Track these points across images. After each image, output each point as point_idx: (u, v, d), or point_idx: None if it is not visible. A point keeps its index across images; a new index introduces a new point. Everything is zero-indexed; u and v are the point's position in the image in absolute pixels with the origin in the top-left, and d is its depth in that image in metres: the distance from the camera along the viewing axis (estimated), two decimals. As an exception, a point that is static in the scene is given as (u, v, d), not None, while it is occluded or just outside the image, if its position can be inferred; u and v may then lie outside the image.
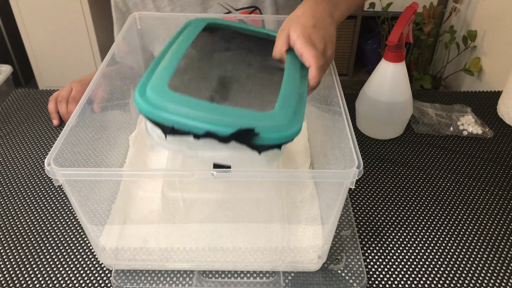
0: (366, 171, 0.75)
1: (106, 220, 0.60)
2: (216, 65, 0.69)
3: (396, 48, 0.75)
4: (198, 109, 0.46)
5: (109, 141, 0.69)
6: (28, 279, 0.57)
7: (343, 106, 0.53)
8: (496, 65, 1.47)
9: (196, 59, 0.67)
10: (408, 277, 0.58)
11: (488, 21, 1.54)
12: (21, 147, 0.79)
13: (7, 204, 0.67)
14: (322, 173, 0.51)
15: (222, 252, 0.56)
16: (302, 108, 0.52)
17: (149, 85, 0.49)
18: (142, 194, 0.63)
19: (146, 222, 0.60)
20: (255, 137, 0.46)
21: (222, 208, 0.58)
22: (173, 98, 0.47)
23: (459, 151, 0.80)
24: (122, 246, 0.57)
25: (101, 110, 0.64)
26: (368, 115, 0.82)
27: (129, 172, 0.53)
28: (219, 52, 0.72)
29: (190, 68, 0.64)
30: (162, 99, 0.47)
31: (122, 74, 0.73)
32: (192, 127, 0.46)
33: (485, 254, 0.61)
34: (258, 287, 0.55)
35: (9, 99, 0.92)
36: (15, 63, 2.16)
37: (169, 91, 0.48)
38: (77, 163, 0.54)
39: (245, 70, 0.69)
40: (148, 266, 0.56)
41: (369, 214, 0.67)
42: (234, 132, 0.45)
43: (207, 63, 0.68)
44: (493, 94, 0.97)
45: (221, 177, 0.45)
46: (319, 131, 0.70)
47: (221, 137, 0.46)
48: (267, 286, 0.55)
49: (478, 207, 0.68)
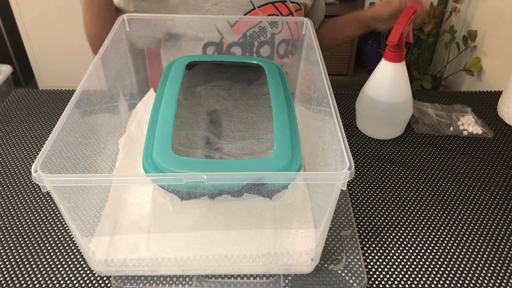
0: (367, 171, 0.75)
1: (95, 227, 0.59)
2: (206, 103, 0.76)
3: (396, 48, 0.75)
4: (207, 170, 0.50)
5: (98, 145, 0.69)
6: (28, 279, 0.57)
7: (333, 107, 0.53)
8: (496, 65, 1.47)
9: (186, 107, 0.73)
10: (408, 277, 0.58)
11: (488, 21, 1.54)
12: (21, 147, 0.79)
13: (7, 204, 0.67)
14: (313, 175, 0.50)
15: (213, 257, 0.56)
16: (296, 139, 0.57)
17: (155, 154, 0.52)
18: (132, 199, 0.63)
19: (136, 227, 0.60)
20: (263, 186, 0.50)
21: (213, 212, 0.58)
22: (181, 163, 0.51)
23: (459, 151, 0.80)
24: (112, 253, 0.56)
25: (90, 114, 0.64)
26: (368, 115, 0.82)
27: (119, 178, 0.53)
28: (204, 87, 0.77)
29: (184, 116, 0.71)
30: (171, 167, 0.51)
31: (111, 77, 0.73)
32: (205, 189, 0.51)
33: (485, 254, 0.61)
34: (258, 287, 0.55)
35: (9, 99, 0.92)
36: (15, 63, 2.16)
37: (175, 156, 0.52)
38: (65, 169, 0.54)
39: (233, 100, 0.74)
40: (140, 272, 0.56)
41: (369, 214, 0.67)
42: (244, 186, 0.50)
43: (196, 104, 0.76)
44: (493, 94, 0.97)
45: (212, 181, 0.45)
46: (310, 132, 0.70)
47: (233, 193, 0.50)
48: (267, 287, 0.55)
49: (478, 207, 0.68)
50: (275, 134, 0.56)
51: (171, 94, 0.63)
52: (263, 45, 0.91)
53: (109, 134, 0.73)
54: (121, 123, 0.77)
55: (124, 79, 0.78)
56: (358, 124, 0.86)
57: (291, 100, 0.65)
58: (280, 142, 0.54)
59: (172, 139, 0.55)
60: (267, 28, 0.89)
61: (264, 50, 0.91)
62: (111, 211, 0.61)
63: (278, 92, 0.64)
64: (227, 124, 0.70)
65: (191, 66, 0.78)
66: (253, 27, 0.88)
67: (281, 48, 0.93)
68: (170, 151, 0.52)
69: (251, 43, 0.90)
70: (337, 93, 0.96)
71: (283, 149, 0.53)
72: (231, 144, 0.66)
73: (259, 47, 0.91)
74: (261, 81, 0.79)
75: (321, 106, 0.60)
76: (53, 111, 0.89)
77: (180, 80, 0.66)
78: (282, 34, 0.91)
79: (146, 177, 0.50)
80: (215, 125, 0.71)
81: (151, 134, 0.56)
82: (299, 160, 0.53)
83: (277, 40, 0.91)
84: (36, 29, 1.96)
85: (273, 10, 0.91)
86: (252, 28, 0.89)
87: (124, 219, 0.60)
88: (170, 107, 0.60)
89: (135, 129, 0.75)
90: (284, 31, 0.91)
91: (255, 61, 0.73)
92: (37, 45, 2.01)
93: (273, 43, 0.91)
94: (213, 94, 0.77)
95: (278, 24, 0.90)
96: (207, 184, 0.51)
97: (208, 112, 0.73)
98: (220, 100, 0.76)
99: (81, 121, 0.59)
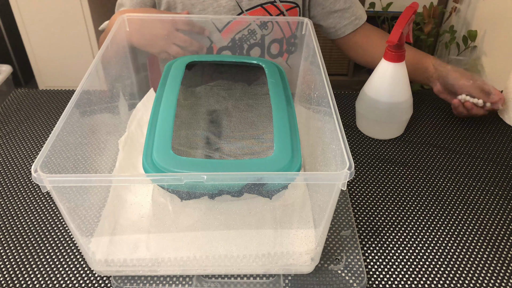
0: (366, 171, 0.75)
1: (95, 227, 0.59)
2: (206, 103, 0.76)
3: (396, 48, 0.75)
4: (207, 170, 0.50)
5: (98, 145, 0.69)
6: (28, 279, 0.57)
7: (333, 107, 0.53)
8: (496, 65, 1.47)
9: (186, 107, 0.72)
10: (408, 277, 0.58)
11: (488, 21, 1.54)
12: (21, 147, 0.79)
13: (7, 204, 0.67)
14: (313, 175, 0.50)
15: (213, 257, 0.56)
16: (296, 139, 0.57)
17: (155, 154, 0.52)
18: (132, 199, 0.63)
19: (136, 227, 0.60)
20: (263, 186, 0.50)
21: (213, 212, 0.58)
22: (181, 163, 0.51)
23: (459, 151, 0.80)
24: (112, 253, 0.56)
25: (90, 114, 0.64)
26: (368, 115, 0.82)
27: (119, 178, 0.53)
28: (204, 88, 0.77)
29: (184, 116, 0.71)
30: (171, 167, 0.51)
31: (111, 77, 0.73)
32: (205, 189, 0.51)
33: (485, 254, 0.61)
34: (258, 287, 0.55)
35: (9, 99, 0.92)
36: (15, 63, 2.16)
37: (175, 157, 0.52)
38: (65, 169, 0.54)
39: (233, 100, 0.74)
40: (139, 273, 0.56)
41: (369, 214, 0.67)
42: (244, 186, 0.49)
43: (196, 104, 0.76)
44: (493, 94, 0.97)
45: (212, 181, 0.45)
46: (310, 132, 0.70)
47: (233, 193, 0.50)
48: (267, 287, 0.55)
49: (478, 207, 0.68)
50: (275, 134, 0.56)
51: (171, 94, 0.63)
52: (252, 47, 0.91)
53: (109, 134, 0.73)
54: (121, 123, 0.77)
55: (124, 79, 0.78)
56: (358, 124, 0.86)
57: (291, 100, 0.65)
58: (280, 142, 0.54)
59: (172, 139, 0.55)
60: (256, 30, 0.89)
61: (254, 52, 0.91)
62: (111, 211, 0.61)
63: (278, 92, 0.64)
64: (227, 124, 0.70)
65: (191, 66, 0.78)
66: (242, 30, 0.88)
67: (274, 48, 0.93)
68: (170, 151, 0.52)
69: (241, 46, 0.90)
70: (337, 93, 0.96)
71: (283, 149, 0.53)
72: (231, 144, 0.66)
73: (249, 49, 0.91)
74: (261, 81, 0.79)
75: (321, 106, 0.60)
76: (53, 111, 0.89)
77: (180, 80, 0.66)
78: (273, 34, 0.91)
79: (146, 177, 0.50)
80: (215, 125, 0.71)
81: (151, 134, 0.56)
82: (299, 160, 0.53)
83: (267, 41, 0.91)
84: (36, 29, 1.95)
85: (262, 12, 0.90)
86: (241, 32, 0.88)
87: (124, 219, 0.60)
88: (170, 107, 0.60)
89: (135, 129, 0.75)
90: (275, 31, 0.91)
91: (255, 61, 0.73)
92: (37, 45, 2.00)
93: (263, 44, 0.91)
94: (213, 94, 0.77)
95: (268, 25, 0.89)
96: (207, 184, 0.51)
97: (208, 112, 0.73)
98: (220, 100, 0.76)
99: (81, 121, 0.59)
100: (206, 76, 0.80)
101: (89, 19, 1.92)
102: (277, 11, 0.91)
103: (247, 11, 0.89)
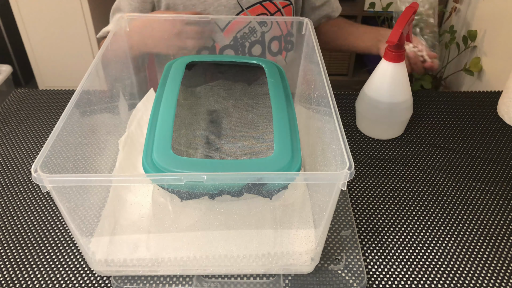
0: (366, 171, 0.75)
1: (95, 227, 0.59)
2: (206, 103, 0.76)
3: (396, 48, 0.75)
4: (207, 170, 0.50)
5: (98, 145, 0.69)
6: (28, 279, 0.57)
7: (333, 107, 0.53)
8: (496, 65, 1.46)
9: (186, 107, 0.72)
10: (408, 277, 0.58)
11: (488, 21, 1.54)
12: (21, 147, 0.79)
13: (7, 204, 0.67)
14: (313, 175, 0.50)
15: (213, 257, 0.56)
16: (296, 139, 0.57)
17: (155, 154, 0.52)
18: (132, 199, 0.63)
19: (136, 227, 0.60)
20: (263, 186, 0.50)
21: (213, 212, 0.58)
22: (181, 163, 0.51)
23: (459, 151, 0.80)
24: (112, 253, 0.56)
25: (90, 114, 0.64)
26: (368, 115, 0.82)
27: (119, 178, 0.53)
28: (204, 87, 0.77)
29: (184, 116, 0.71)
30: (171, 167, 0.51)
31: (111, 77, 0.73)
32: (205, 189, 0.51)
33: (485, 254, 0.61)
34: (258, 287, 0.55)
35: (9, 99, 0.92)
36: (15, 63, 2.16)
37: (175, 157, 0.52)
38: (65, 169, 0.54)
39: (233, 100, 0.74)
40: (139, 273, 0.56)
41: (369, 214, 0.67)
42: (244, 186, 0.49)
43: (196, 104, 0.77)
44: (493, 94, 0.97)
45: (212, 181, 0.45)
46: (310, 132, 0.70)
47: (233, 193, 0.51)
48: (267, 287, 0.55)
49: (478, 207, 0.68)
50: (275, 134, 0.56)
51: (171, 94, 0.63)
52: (254, 45, 0.92)
53: (109, 134, 0.73)
54: (121, 123, 0.77)
55: (124, 79, 0.78)
56: (358, 124, 0.86)
57: (291, 100, 0.65)
58: (280, 142, 0.54)
59: (172, 139, 0.55)
60: (256, 28, 0.90)
61: (255, 49, 0.92)
62: (111, 211, 0.61)
63: (278, 92, 0.64)
64: (227, 124, 0.70)
65: (191, 66, 0.78)
66: (243, 28, 0.89)
67: (274, 46, 0.94)
68: (170, 151, 0.52)
69: (242, 44, 0.91)
70: (337, 93, 0.96)
71: (283, 149, 0.53)
72: (231, 144, 0.66)
73: (250, 47, 0.92)
74: (261, 81, 0.79)
75: (321, 106, 0.60)
76: (53, 111, 0.89)
77: (180, 80, 0.66)
78: (272, 32, 0.92)
79: (146, 177, 0.50)
80: (215, 125, 0.71)
81: (151, 134, 0.56)
82: (299, 160, 0.53)
83: (268, 38, 0.92)
84: (36, 29, 1.95)
85: (261, 10, 0.92)
86: (242, 30, 0.89)
87: (124, 219, 0.60)
88: (170, 107, 0.60)
89: (135, 129, 0.75)
90: (274, 28, 0.92)
91: (255, 61, 0.73)
92: (37, 45, 2.00)
93: (263, 42, 0.92)
94: (213, 94, 0.77)
95: (267, 23, 0.91)
96: (207, 184, 0.51)
97: (208, 112, 0.73)
98: (220, 100, 0.76)
99: (81, 121, 0.59)
100: (206, 76, 0.81)
101: (89, 19, 1.92)
102: (274, 8, 0.93)
103: (247, 9, 0.90)
